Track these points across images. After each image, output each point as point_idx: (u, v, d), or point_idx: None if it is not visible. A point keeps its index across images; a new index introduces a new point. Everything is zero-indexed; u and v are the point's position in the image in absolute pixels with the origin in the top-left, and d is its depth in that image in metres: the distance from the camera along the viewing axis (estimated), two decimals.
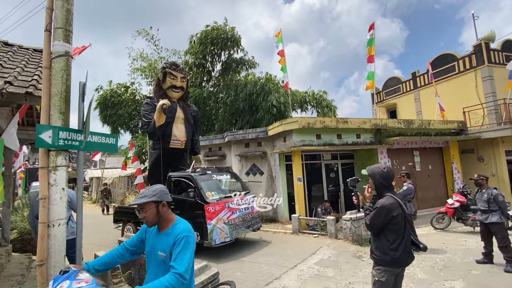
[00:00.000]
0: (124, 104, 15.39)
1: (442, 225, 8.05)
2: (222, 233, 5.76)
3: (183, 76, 6.86)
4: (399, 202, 2.45)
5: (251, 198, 6.85)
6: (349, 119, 8.82)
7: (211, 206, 5.79)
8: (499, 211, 4.82)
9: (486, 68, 10.85)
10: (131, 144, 12.96)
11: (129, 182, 15.23)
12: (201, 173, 6.38)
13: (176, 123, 6.69)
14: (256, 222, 6.74)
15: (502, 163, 10.34)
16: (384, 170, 2.54)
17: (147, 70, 16.83)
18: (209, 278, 3.35)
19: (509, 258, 4.67)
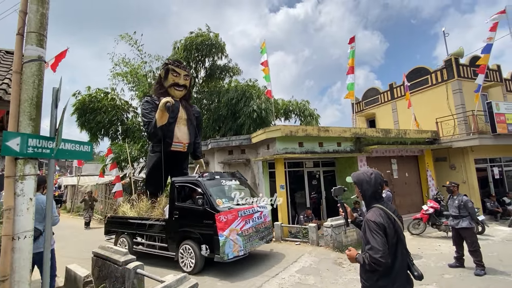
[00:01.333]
0: (104, 110, 14.93)
1: (418, 231, 8.35)
2: (236, 246, 5.08)
3: (186, 74, 6.46)
4: (389, 215, 1.97)
5: (264, 206, 6.20)
6: (330, 128, 9.06)
7: (222, 215, 5.10)
8: (469, 216, 5.08)
9: (456, 82, 11.58)
10: (109, 150, 12.53)
11: (107, 190, 14.64)
12: (209, 178, 5.74)
13: (179, 124, 6.25)
14: (269, 233, 6.15)
15: (472, 171, 10.95)
16: (370, 176, 2.14)
17: (129, 76, 16.51)
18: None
19: (478, 262, 4.91)
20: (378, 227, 1.88)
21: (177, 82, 6.29)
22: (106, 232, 7.45)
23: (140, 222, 6.44)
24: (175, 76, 6.27)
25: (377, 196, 2.08)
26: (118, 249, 4.47)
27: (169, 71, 6.25)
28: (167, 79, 6.26)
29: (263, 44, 10.85)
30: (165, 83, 6.29)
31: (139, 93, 15.72)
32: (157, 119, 5.68)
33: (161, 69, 6.38)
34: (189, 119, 6.45)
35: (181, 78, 6.33)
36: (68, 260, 5.43)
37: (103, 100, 15.08)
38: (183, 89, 6.46)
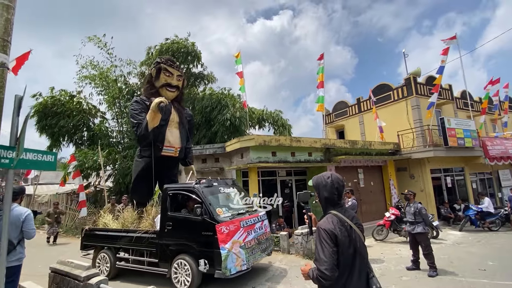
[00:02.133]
0: (68, 114, 14.08)
1: (381, 236, 8.88)
2: (238, 260, 4.63)
3: (179, 74, 6.06)
4: (345, 222, 1.78)
5: (264, 215, 5.78)
6: (301, 139, 9.41)
7: (224, 226, 4.63)
8: (423, 222, 5.57)
9: (414, 99, 12.69)
10: (72, 157, 11.79)
11: (68, 200, 13.65)
12: (207, 185, 5.28)
13: (170, 127, 5.82)
14: (270, 245, 5.72)
15: (428, 180, 11.94)
16: (327, 179, 1.94)
17: (98, 79, 15.81)
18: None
19: (431, 264, 5.37)
20: (328, 236, 1.71)
21: (170, 83, 5.88)
22: (83, 247, 6.62)
23: (125, 235, 5.79)
24: (168, 76, 5.87)
25: (333, 201, 1.90)
26: (79, 264, 4.22)
27: (161, 70, 5.83)
28: (158, 79, 5.85)
29: (238, 55, 11.06)
30: (156, 83, 5.88)
31: (109, 98, 15.12)
32: (149, 121, 5.23)
33: (152, 68, 5.97)
34: (181, 122, 6.06)
35: (174, 79, 5.95)
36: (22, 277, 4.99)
37: (68, 103, 14.25)
38: (176, 90, 6.07)
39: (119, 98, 15.18)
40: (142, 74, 14.68)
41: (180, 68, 6.10)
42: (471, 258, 6.51)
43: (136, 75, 15.22)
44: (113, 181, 14.50)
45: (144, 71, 14.68)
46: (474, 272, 5.43)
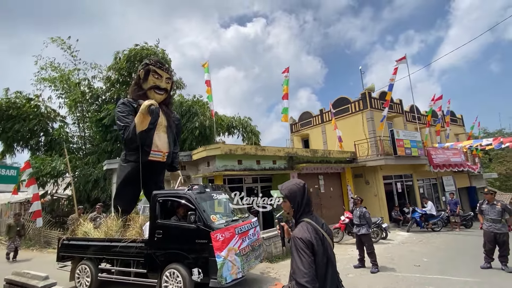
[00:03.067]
0: (24, 117, 13.25)
1: (337, 239, 9.63)
2: (234, 268, 4.53)
3: (168, 77, 5.92)
4: (318, 230, 1.74)
5: (256, 222, 5.68)
6: (266, 147, 9.95)
7: (219, 233, 4.52)
8: (367, 224, 6.30)
9: (369, 112, 13.97)
10: (27, 164, 11.12)
11: (22, 209, 12.72)
12: (199, 191, 5.12)
13: (158, 131, 5.66)
14: (262, 251, 5.66)
15: (381, 186, 13.15)
16: (301, 186, 1.91)
17: (58, 81, 15.08)
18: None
19: (373, 262, 6.09)
20: (305, 245, 1.63)
21: (158, 85, 5.71)
22: (59, 258, 6.21)
23: (109, 245, 5.46)
24: (156, 78, 5.68)
25: (308, 208, 1.87)
26: (35, 274, 4.21)
27: (150, 72, 5.66)
28: (146, 81, 5.67)
29: (205, 64, 11.37)
30: (144, 85, 5.70)
31: (70, 102, 14.50)
32: (137, 124, 5.05)
33: (140, 69, 5.79)
34: (169, 126, 5.90)
35: (162, 81, 5.78)
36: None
37: (24, 106, 13.40)
38: (164, 93, 5.89)
39: (81, 102, 14.62)
40: (108, 79, 14.33)
41: (169, 71, 5.99)
42: (410, 256, 7.43)
43: (101, 79, 14.79)
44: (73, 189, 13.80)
45: (110, 75, 14.33)
46: (410, 268, 6.26)
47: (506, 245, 5.91)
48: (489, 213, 6.10)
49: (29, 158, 12.82)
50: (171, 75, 6.10)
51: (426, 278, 5.53)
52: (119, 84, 14.32)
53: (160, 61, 5.97)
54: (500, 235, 5.92)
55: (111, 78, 14.30)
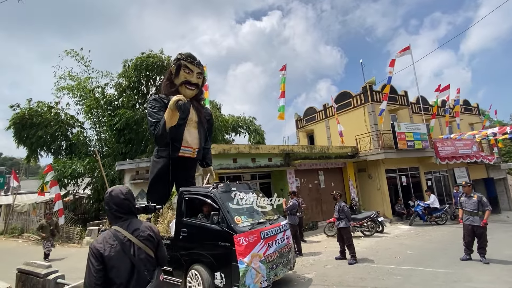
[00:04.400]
0: (46, 124, 14.58)
1: (332, 233, 9.85)
2: (258, 276, 4.14)
3: (200, 72, 5.82)
4: (123, 236, 1.80)
5: (286, 225, 5.18)
6: (260, 146, 10.35)
7: (243, 237, 4.18)
8: (346, 218, 6.54)
9: (370, 105, 13.86)
10: (49, 167, 12.34)
11: (47, 209, 14.12)
12: (224, 190, 4.87)
13: (189, 126, 5.61)
14: (292, 258, 5.12)
15: (384, 180, 13.08)
16: (107, 195, 1.94)
17: (75, 89, 16.34)
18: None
19: (352, 254, 6.36)
20: (93, 255, 1.73)
21: (189, 80, 5.61)
22: None
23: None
24: (188, 73, 5.59)
25: (115, 216, 1.90)
26: (41, 264, 4.98)
27: (181, 67, 5.58)
28: (178, 76, 5.61)
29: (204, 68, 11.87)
30: (175, 80, 5.64)
31: (85, 108, 15.67)
32: (167, 120, 5.00)
33: (172, 64, 5.76)
34: (200, 121, 5.80)
35: (193, 76, 5.65)
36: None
37: (45, 114, 14.74)
38: (195, 88, 5.78)
39: (96, 108, 15.77)
40: (119, 85, 15.33)
41: (200, 66, 5.85)
42: (396, 249, 7.57)
43: (113, 86, 15.85)
44: (92, 189, 15.06)
45: (121, 82, 15.32)
46: (390, 260, 6.45)
47: (484, 237, 5.93)
48: (466, 206, 6.13)
49: (51, 162, 14.11)
50: (202, 70, 5.99)
51: (399, 269, 5.72)
52: (129, 89, 15.28)
53: (191, 55, 5.82)
54: (477, 227, 5.95)
55: (122, 85, 15.30)
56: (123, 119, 14.02)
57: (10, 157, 57.38)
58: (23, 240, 13.50)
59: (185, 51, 5.95)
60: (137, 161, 11.97)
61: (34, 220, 14.85)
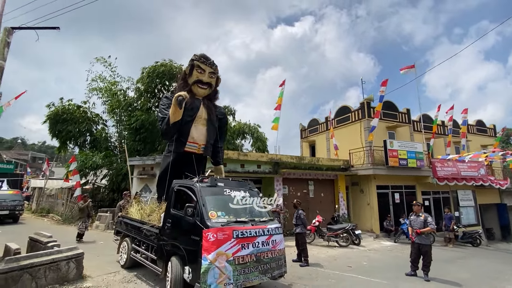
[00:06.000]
0: (75, 121, 16.74)
1: (309, 240, 10.43)
2: (222, 277, 3.90)
3: (212, 72, 5.97)
4: None
5: (275, 229, 4.74)
6: (249, 153, 11.31)
7: (211, 232, 4.01)
8: (302, 225, 7.27)
9: (366, 121, 14.21)
10: (73, 158, 14.26)
11: (69, 194, 16.20)
12: (210, 184, 4.79)
13: (197, 123, 5.78)
14: (277, 266, 4.62)
15: (374, 195, 13.34)
16: None
17: (103, 91, 18.50)
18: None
19: (305, 257, 7.06)
20: None
21: (201, 79, 5.82)
22: (115, 232, 6.93)
23: (139, 226, 5.69)
24: (200, 72, 5.80)
25: None
26: (45, 234, 6.37)
27: (194, 67, 5.79)
28: (191, 76, 5.84)
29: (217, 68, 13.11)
30: (189, 80, 5.88)
31: (109, 108, 17.71)
32: (170, 115, 5.24)
33: (187, 65, 5.97)
34: (210, 119, 5.93)
35: (205, 75, 5.84)
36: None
37: (75, 112, 16.93)
38: (207, 87, 5.96)
39: (118, 108, 17.76)
40: (138, 89, 17.18)
41: (213, 65, 5.97)
42: (356, 259, 8.08)
43: (133, 90, 17.78)
44: (108, 180, 16.95)
45: (139, 87, 17.16)
46: (340, 268, 7.02)
47: (428, 256, 6.35)
48: (413, 224, 6.59)
49: (75, 153, 16.20)
50: (216, 69, 6.06)
51: (340, 275, 6.31)
52: (147, 93, 17.06)
53: (204, 56, 5.99)
54: (422, 246, 6.39)
55: (140, 89, 17.12)
56: (139, 120, 15.73)
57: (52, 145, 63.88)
58: (48, 219, 15.64)
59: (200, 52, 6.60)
60: (143, 159, 13.48)
61: (59, 202, 17.05)
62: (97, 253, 7.32)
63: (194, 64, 5.85)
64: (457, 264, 8.32)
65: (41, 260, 4.66)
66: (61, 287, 4.70)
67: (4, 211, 12.83)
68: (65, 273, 4.92)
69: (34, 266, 4.52)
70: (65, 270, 4.94)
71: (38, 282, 4.52)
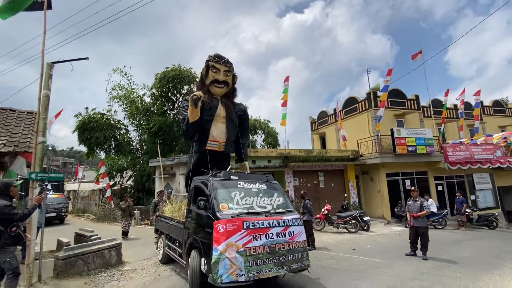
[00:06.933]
0: (100, 128, 18.27)
1: (320, 227, 11.17)
2: (233, 267, 3.87)
3: (227, 70, 6.05)
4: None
5: (292, 220, 4.65)
6: (259, 150, 12.11)
7: (221, 224, 4.08)
8: (308, 213, 7.99)
9: (373, 111, 14.49)
10: (101, 162, 15.74)
11: (100, 195, 17.85)
12: (223, 178, 4.89)
13: (216, 122, 5.89)
14: (296, 259, 4.45)
15: (383, 182, 13.73)
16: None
17: (123, 98, 19.92)
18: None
19: (311, 242, 7.79)
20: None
21: (217, 79, 5.95)
22: (155, 230, 7.42)
23: (169, 223, 6.10)
24: (215, 72, 5.94)
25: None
26: (88, 229, 7.57)
27: (209, 68, 5.96)
28: (207, 77, 6.00)
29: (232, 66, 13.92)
30: (206, 81, 6.04)
31: (128, 114, 19.11)
32: (188, 116, 5.42)
33: (204, 66, 6.15)
34: (229, 117, 6.01)
35: (220, 74, 5.96)
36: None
37: (99, 120, 18.46)
38: (224, 86, 6.07)
39: (136, 114, 19.12)
40: (153, 95, 18.38)
41: (228, 63, 6.07)
42: (361, 243, 8.71)
43: (148, 96, 19.05)
44: (133, 180, 18.44)
45: (154, 92, 18.35)
46: (344, 250, 7.70)
47: (425, 237, 6.88)
48: (411, 209, 7.12)
49: (103, 158, 17.75)
50: (230, 67, 6.15)
51: (342, 256, 6.98)
52: (161, 98, 18.23)
53: (218, 55, 6.11)
54: (419, 228, 6.93)
55: (155, 94, 18.31)
56: (156, 124, 16.94)
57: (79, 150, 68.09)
58: (84, 218, 17.40)
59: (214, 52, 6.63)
60: (163, 160, 14.63)
61: (92, 203, 18.82)
62: (132, 244, 8.50)
63: (209, 64, 6.00)
64: (462, 245, 8.69)
65: (89, 249, 5.75)
66: (106, 270, 5.79)
67: (52, 213, 14.27)
68: (108, 259, 6.01)
69: (84, 254, 5.62)
70: (108, 257, 6.02)
71: (89, 266, 5.63)
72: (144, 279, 5.42)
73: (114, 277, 5.51)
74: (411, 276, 5.38)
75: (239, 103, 6.67)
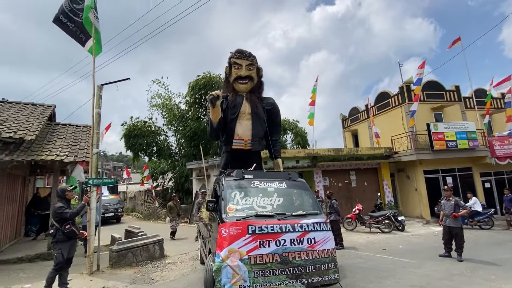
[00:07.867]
0: (143, 135, 20.12)
1: (351, 227, 11.10)
2: (236, 277, 3.50)
3: (249, 63, 5.72)
4: None
5: (313, 225, 4.05)
6: (287, 150, 12.36)
7: (224, 227, 3.74)
8: (335, 213, 8.10)
9: (407, 105, 13.82)
10: (145, 166, 17.36)
11: (145, 195, 19.67)
12: (236, 177, 4.54)
13: (241, 119, 5.62)
14: (318, 271, 3.82)
15: (421, 180, 13.06)
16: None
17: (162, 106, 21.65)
18: None
19: (339, 241, 7.91)
20: None
21: (240, 75, 5.69)
22: (197, 230, 7.65)
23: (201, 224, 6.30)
24: (237, 68, 5.70)
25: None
26: (135, 227, 8.63)
27: (232, 65, 5.76)
28: (231, 74, 5.82)
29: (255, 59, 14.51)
30: (230, 79, 5.85)
31: (166, 122, 20.71)
32: (211, 117, 5.31)
33: (226, 65, 5.95)
34: (254, 113, 5.66)
35: (243, 69, 5.67)
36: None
37: (142, 127, 20.33)
38: (248, 81, 5.75)
39: (174, 120, 20.63)
40: (187, 102, 19.70)
41: (249, 56, 5.75)
42: (393, 243, 8.54)
43: (184, 103, 20.44)
44: (174, 182, 19.95)
45: (189, 100, 19.64)
46: (374, 250, 7.68)
47: (459, 237, 6.60)
48: (445, 208, 6.86)
49: (147, 162, 19.52)
50: (253, 60, 5.79)
51: (370, 256, 6.99)
52: (195, 104, 19.44)
53: (239, 50, 5.84)
54: (453, 228, 6.67)
55: (189, 101, 19.58)
56: (192, 129, 18.15)
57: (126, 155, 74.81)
58: (132, 216, 19.34)
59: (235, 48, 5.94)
60: (199, 162, 15.65)
61: (138, 203, 20.81)
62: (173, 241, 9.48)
63: (231, 62, 5.77)
64: (506, 247, 8.05)
65: (137, 243, 6.68)
66: (151, 262, 6.67)
67: (110, 213, 16.03)
68: (152, 253, 6.90)
69: (133, 248, 6.55)
70: (153, 251, 6.91)
71: (137, 258, 6.54)
72: (182, 271, 6.15)
73: (158, 268, 6.34)
74: (439, 277, 5.30)
75: (267, 97, 6.22)
